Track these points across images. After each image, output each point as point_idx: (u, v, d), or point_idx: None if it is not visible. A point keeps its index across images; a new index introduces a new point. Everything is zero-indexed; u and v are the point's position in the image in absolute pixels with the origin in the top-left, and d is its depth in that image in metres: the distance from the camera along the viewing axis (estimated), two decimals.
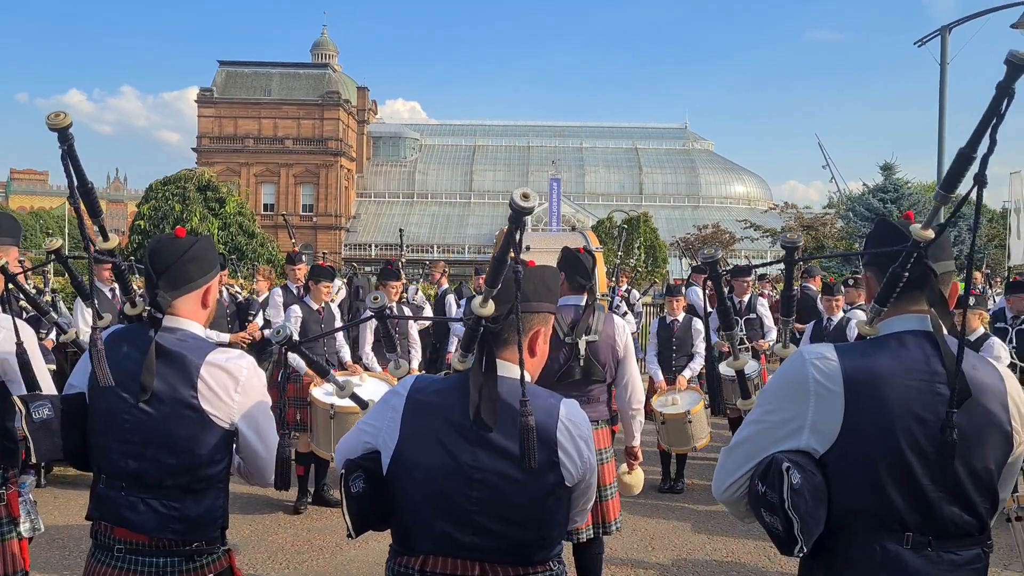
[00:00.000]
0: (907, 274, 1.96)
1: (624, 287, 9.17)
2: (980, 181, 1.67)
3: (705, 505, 7.12)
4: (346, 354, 7.46)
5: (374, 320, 2.91)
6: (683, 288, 8.72)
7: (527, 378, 1.99)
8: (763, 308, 8.87)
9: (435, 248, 62.91)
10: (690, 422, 7.21)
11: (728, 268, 2.05)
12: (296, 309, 7.05)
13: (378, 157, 73.84)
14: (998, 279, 12.94)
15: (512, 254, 1.91)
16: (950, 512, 1.89)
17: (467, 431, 2.04)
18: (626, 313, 8.74)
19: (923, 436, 1.86)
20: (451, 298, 11.10)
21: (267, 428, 2.55)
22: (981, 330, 6.67)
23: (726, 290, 9.53)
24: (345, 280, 11.56)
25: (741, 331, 8.78)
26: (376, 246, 64.20)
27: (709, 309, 6.75)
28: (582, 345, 4.15)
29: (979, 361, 2.00)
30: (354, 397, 2.80)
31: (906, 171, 35.91)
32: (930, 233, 1.91)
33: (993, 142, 1.65)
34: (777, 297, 10.64)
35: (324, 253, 20.51)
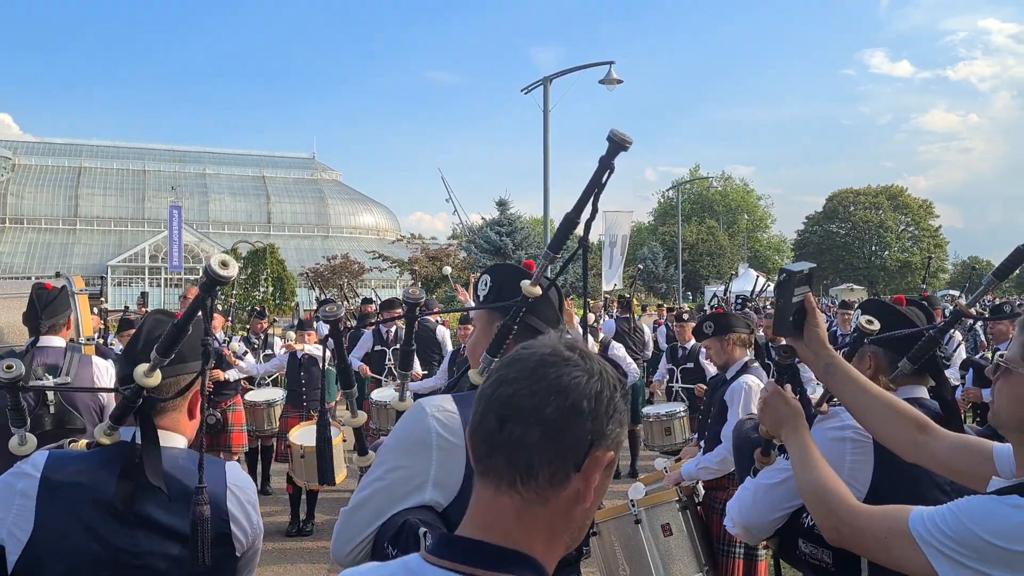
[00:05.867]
0: (515, 327, 2.01)
1: (221, 335, 8.42)
2: (584, 246, 1.73)
3: None
4: None
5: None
6: (314, 323, 8.78)
7: (183, 443, 1.89)
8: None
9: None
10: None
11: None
12: None
13: None
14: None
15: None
16: None
17: (121, 511, 1.81)
18: (246, 353, 8.33)
19: None
20: None
21: None
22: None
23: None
24: None
25: (389, 361, 9.13)
26: None
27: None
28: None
29: None
30: None
31: (519, 206, 39.21)
32: (537, 290, 1.96)
33: (595, 209, 1.71)
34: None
35: None
